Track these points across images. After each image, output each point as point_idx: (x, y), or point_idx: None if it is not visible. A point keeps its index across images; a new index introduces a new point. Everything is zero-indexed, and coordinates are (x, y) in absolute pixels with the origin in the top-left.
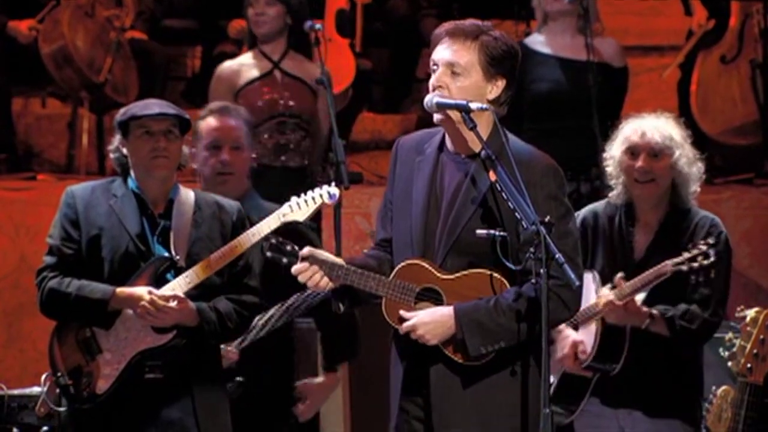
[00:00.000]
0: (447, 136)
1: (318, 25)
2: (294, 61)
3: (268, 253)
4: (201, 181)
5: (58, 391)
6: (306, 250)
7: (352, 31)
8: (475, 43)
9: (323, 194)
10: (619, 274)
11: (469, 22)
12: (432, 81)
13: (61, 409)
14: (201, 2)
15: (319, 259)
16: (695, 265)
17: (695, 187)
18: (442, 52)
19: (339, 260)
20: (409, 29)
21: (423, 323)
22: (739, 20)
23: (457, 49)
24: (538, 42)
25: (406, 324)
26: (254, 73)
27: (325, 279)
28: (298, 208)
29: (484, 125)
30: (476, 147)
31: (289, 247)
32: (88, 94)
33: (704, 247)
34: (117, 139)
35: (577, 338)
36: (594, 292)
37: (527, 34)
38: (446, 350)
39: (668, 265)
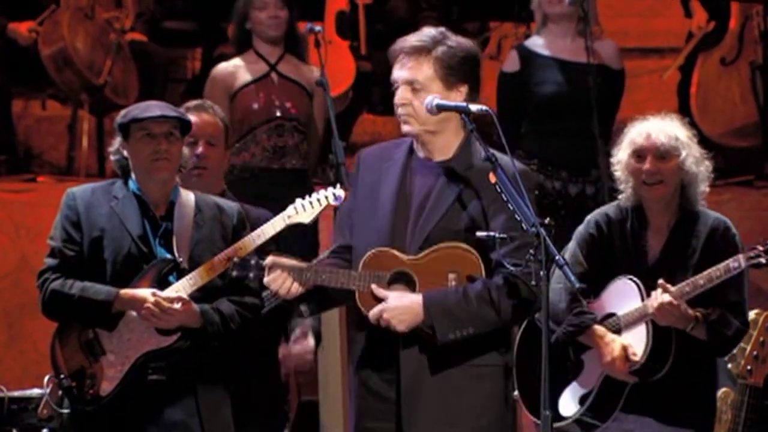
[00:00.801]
0: (417, 144)
1: (318, 28)
2: (290, 64)
3: (234, 273)
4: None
5: (60, 392)
6: (269, 260)
7: (353, 32)
8: (430, 57)
9: (328, 196)
10: (660, 280)
11: (425, 33)
12: (395, 100)
13: (64, 410)
14: (201, 4)
15: (286, 265)
16: None
17: (704, 187)
18: (400, 72)
19: (303, 264)
20: (409, 31)
21: (390, 309)
22: (739, 22)
23: (412, 66)
24: (538, 44)
25: (372, 311)
26: (250, 75)
27: (296, 284)
28: (303, 210)
29: (453, 131)
30: (447, 153)
31: (252, 261)
32: (88, 96)
33: None
34: (117, 141)
35: (625, 341)
36: (638, 298)
37: (527, 36)
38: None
39: (740, 258)
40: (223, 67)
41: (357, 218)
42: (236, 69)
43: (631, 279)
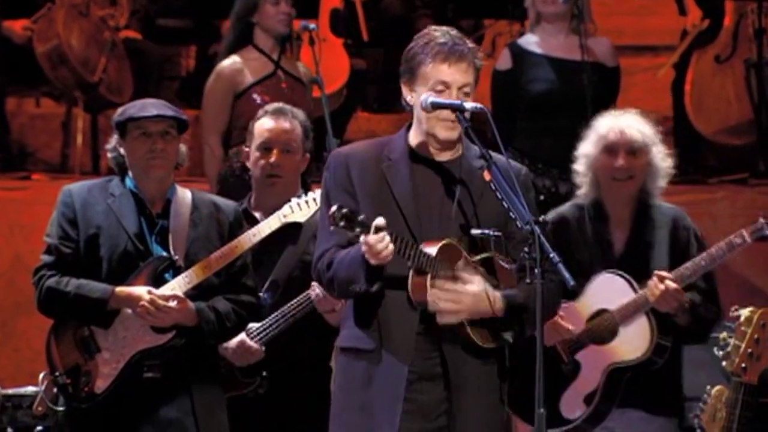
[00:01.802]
0: (423, 142)
1: (312, 25)
2: (289, 62)
3: (342, 223)
4: (252, 182)
5: (55, 390)
6: (381, 221)
7: (347, 30)
8: (472, 64)
9: None
10: (656, 270)
11: (460, 37)
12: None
13: (59, 408)
14: (195, 2)
15: (388, 229)
16: None
17: (663, 183)
18: (461, 75)
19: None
20: (403, 29)
21: (470, 295)
22: (733, 20)
23: (467, 71)
24: (532, 42)
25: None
26: (257, 73)
27: (390, 249)
28: (299, 209)
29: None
30: (453, 153)
31: (361, 217)
32: (83, 93)
33: None
34: (114, 139)
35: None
36: (629, 290)
37: (521, 33)
38: (467, 328)
39: (744, 234)
40: (228, 64)
41: (371, 215)
42: (242, 67)
43: (616, 273)
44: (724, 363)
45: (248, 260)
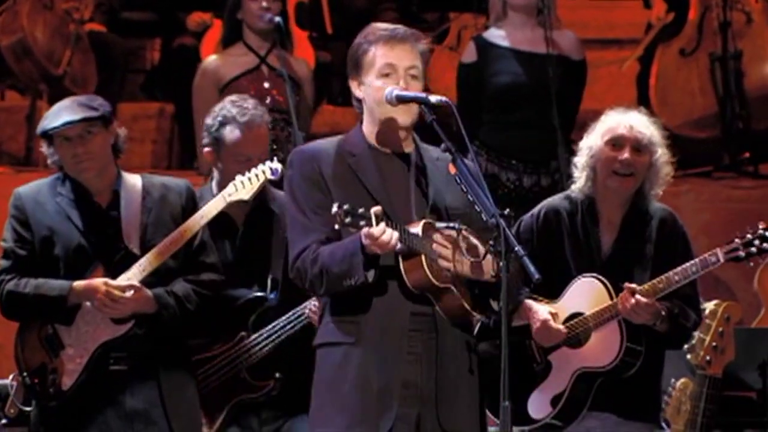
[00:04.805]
0: (377, 136)
1: (277, 18)
2: (279, 58)
3: (348, 219)
4: (218, 178)
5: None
6: (380, 209)
7: (312, 23)
8: (416, 47)
9: (265, 170)
10: (626, 284)
11: (403, 27)
12: (402, 89)
13: (29, 408)
14: None
15: (387, 217)
16: (753, 249)
17: (659, 189)
18: (400, 57)
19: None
20: (368, 22)
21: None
22: (698, 13)
23: (411, 52)
24: (497, 35)
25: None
26: (241, 67)
27: (395, 236)
28: (242, 187)
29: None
30: (413, 142)
31: (361, 210)
32: (47, 86)
33: (761, 231)
34: (45, 146)
35: (550, 309)
36: (605, 297)
37: (487, 27)
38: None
39: (718, 253)
40: (212, 59)
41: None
42: (226, 61)
43: (596, 278)
44: (688, 356)
45: (206, 238)
